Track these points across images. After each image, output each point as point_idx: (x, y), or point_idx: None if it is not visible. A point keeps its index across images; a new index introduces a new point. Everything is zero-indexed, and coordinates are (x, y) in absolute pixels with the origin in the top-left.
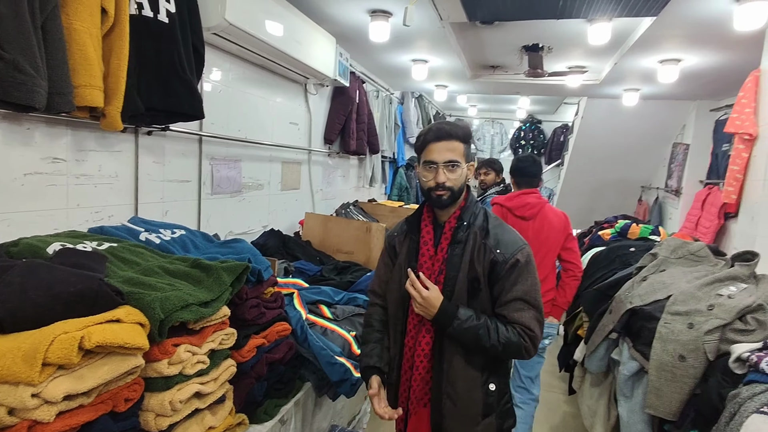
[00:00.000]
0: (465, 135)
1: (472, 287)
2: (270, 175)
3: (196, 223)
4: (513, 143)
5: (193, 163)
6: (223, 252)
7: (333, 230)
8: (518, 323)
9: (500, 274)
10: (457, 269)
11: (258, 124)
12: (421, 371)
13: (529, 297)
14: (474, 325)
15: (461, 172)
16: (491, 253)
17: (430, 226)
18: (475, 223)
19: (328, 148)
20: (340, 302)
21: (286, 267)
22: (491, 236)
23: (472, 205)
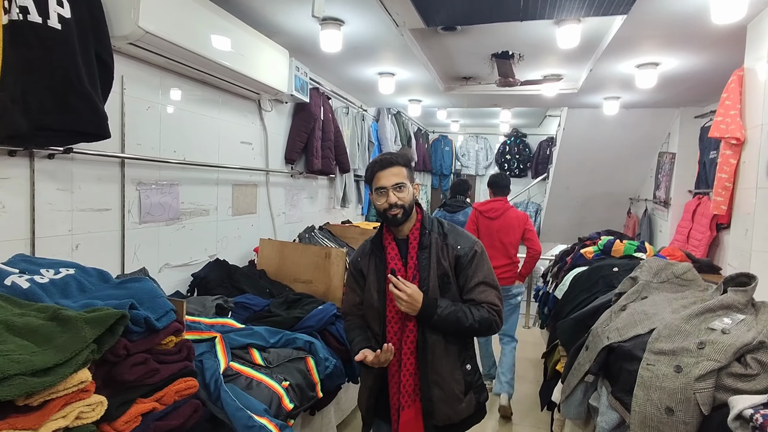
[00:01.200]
0: (406, 161)
1: (442, 282)
2: (217, 199)
3: (119, 257)
4: (498, 158)
5: (114, 188)
6: (115, 295)
7: (289, 257)
8: (485, 302)
9: (464, 264)
10: (427, 270)
11: (200, 144)
12: (409, 368)
13: (489, 279)
14: (454, 309)
15: (408, 191)
16: (454, 250)
17: (393, 243)
18: (433, 229)
19: (291, 168)
20: (276, 344)
21: (219, 304)
22: (450, 237)
23: (427, 216)
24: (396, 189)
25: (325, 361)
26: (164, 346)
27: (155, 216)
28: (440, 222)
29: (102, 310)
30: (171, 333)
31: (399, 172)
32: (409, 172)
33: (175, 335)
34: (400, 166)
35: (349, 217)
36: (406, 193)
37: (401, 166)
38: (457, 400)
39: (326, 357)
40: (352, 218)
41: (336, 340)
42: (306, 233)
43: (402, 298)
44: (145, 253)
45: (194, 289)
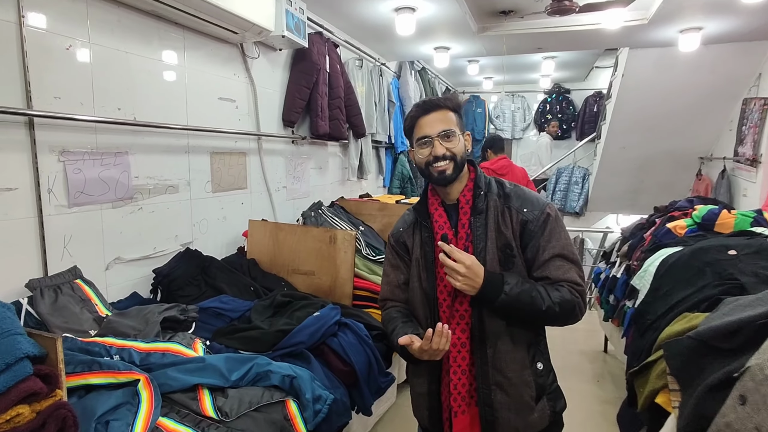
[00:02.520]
0: (455, 105)
1: (504, 256)
2: (189, 171)
3: (37, 255)
4: (537, 118)
5: (20, 159)
6: None
7: (286, 243)
8: (565, 280)
9: (533, 232)
10: (483, 240)
11: (157, 100)
12: (461, 363)
13: (568, 252)
14: (527, 287)
15: (459, 141)
16: (519, 214)
17: (441, 209)
18: (491, 190)
19: (291, 132)
20: (241, 382)
21: (171, 317)
22: (513, 198)
23: (482, 174)
24: (443, 138)
25: (317, 402)
26: (7, 425)
27: (93, 196)
28: (500, 182)
29: None
30: (19, 400)
31: (446, 118)
32: (458, 119)
33: (31, 402)
34: (447, 110)
35: (368, 189)
36: (456, 143)
37: (449, 110)
38: (527, 408)
39: (319, 395)
40: (372, 191)
41: (339, 358)
42: (311, 211)
43: (458, 271)
44: (81, 246)
45: (157, 289)
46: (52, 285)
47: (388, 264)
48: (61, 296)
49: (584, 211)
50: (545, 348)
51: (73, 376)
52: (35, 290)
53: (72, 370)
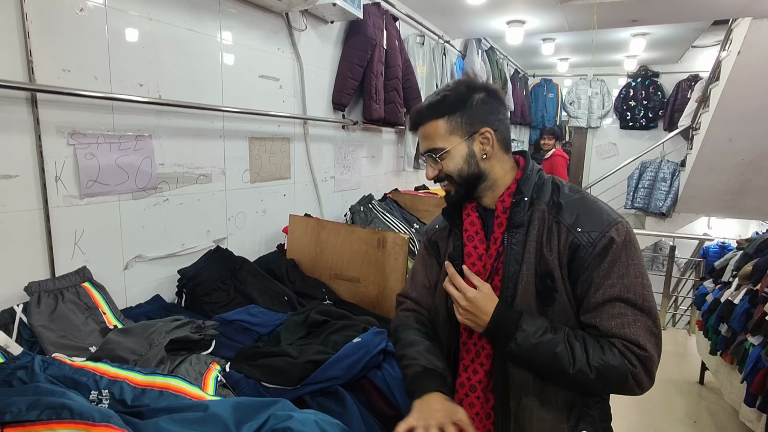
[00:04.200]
0: (446, 105)
1: (543, 286)
2: (225, 159)
3: (43, 252)
4: (619, 105)
5: (22, 142)
6: None
7: (329, 243)
8: (619, 337)
9: (586, 261)
10: (518, 262)
11: (187, 76)
12: (479, 412)
13: (635, 295)
14: (549, 339)
15: (453, 157)
16: (570, 234)
17: (475, 214)
18: (540, 196)
19: (342, 117)
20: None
21: (184, 338)
22: (566, 210)
23: (533, 174)
24: (430, 159)
25: None
26: None
27: (110, 185)
28: (558, 184)
29: None
30: None
31: (432, 132)
32: (451, 124)
33: None
34: (431, 121)
35: (425, 181)
36: (448, 161)
37: (435, 119)
38: None
39: None
40: (429, 184)
41: (383, 398)
42: (360, 206)
43: (459, 303)
44: (96, 242)
45: (182, 293)
46: (54, 290)
47: (419, 261)
48: (61, 304)
49: (671, 212)
50: (602, 413)
51: (38, 425)
52: (33, 295)
53: (37, 417)
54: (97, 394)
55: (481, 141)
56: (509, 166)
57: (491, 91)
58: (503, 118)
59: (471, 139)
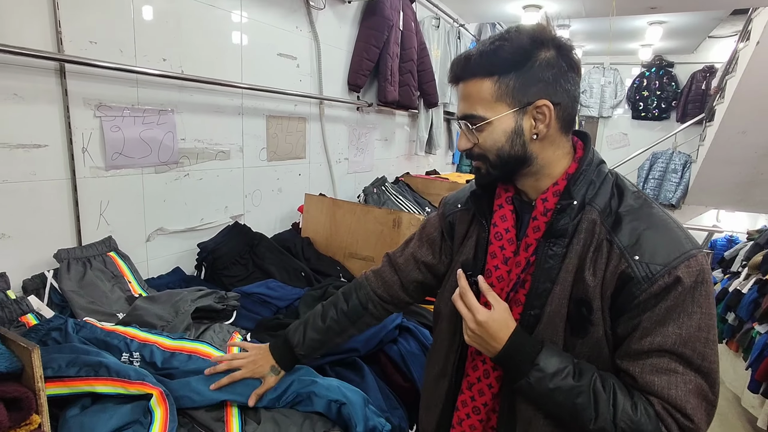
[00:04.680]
0: (499, 61)
1: (577, 314)
2: (243, 136)
3: (70, 221)
4: (631, 95)
5: (51, 112)
6: None
7: (344, 222)
8: (661, 397)
9: (636, 299)
10: (551, 279)
11: (209, 52)
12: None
13: (692, 351)
14: (571, 387)
15: (492, 130)
16: (623, 260)
17: (509, 207)
18: (594, 200)
19: (357, 98)
20: (276, 404)
21: (204, 306)
22: (625, 227)
23: (590, 169)
24: (465, 127)
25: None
26: None
27: (134, 158)
28: (620, 187)
29: None
30: None
31: (473, 93)
32: (500, 88)
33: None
34: (475, 79)
35: (435, 166)
36: (485, 135)
37: (480, 78)
38: None
39: (373, 427)
40: (440, 168)
41: (398, 371)
42: (374, 187)
43: (467, 324)
44: (120, 213)
45: (202, 266)
46: (82, 257)
47: (421, 230)
48: (89, 271)
49: (681, 203)
50: None
51: (77, 381)
52: (62, 262)
53: (76, 374)
54: (128, 356)
55: (534, 116)
56: (564, 152)
57: (564, 50)
58: (572, 88)
59: (522, 111)
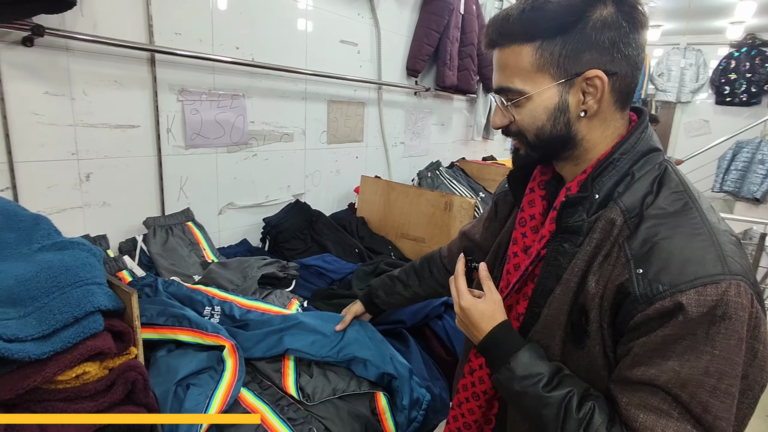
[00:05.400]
0: (542, 23)
1: (578, 323)
2: (305, 120)
3: (156, 193)
4: (716, 78)
5: (142, 97)
6: (25, 274)
7: (397, 204)
8: None
9: (633, 319)
10: (556, 279)
11: (276, 39)
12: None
13: (689, 397)
14: (538, 395)
15: (533, 106)
16: (625, 270)
17: (540, 193)
18: (623, 197)
19: (415, 83)
20: (330, 360)
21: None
22: (643, 232)
23: (625, 158)
24: (502, 100)
25: (413, 407)
26: (67, 384)
27: (209, 138)
28: (661, 182)
29: None
30: (86, 357)
31: (510, 61)
32: (542, 56)
33: (103, 359)
34: (514, 45)
35: (493, 152)
36: (526, 111)
37: (519, 43)
38: None
39: (416, 398)
40: (497, 154)
41: (442, 345)
42: (428, 171)
43: (455, 306)
44: (197, 188)
45: (266, 239)
46: (165, 225)
47: (485, 212)
48: (171, 237)
49: (766, 198)
50: None
51: (165, 329)
52: (150, 228)
53: (163, 323)
54: (210, 309)
55: (584, 89)
56: (615, 133)
57: (626, 4)
58: (634, 53)
59: (569, 84)
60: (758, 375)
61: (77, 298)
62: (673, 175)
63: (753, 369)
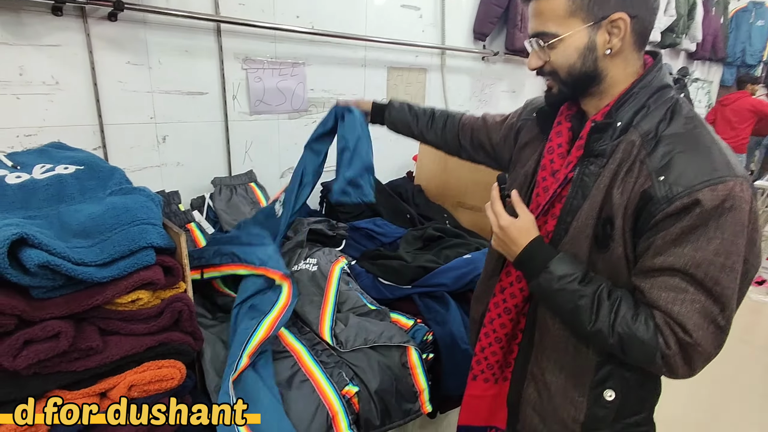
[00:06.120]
0: None
1: (602, 232)
2: (365, 87)
3: (223, 156)
4: None
5: (210, 66)
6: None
7: (455, 172)
8: (663, 310)
9: (653, 218)
10: (583, 197)
11: (336, 6)
12: (497, 330)
13: (704, 274)
14: (574, 290)
15: (566, 47)
16: (647, 180)
17: (567, 125)
18: (640, 124)
19: (483, 47)
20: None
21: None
22: (661, 149)
23: (642, 92)
24: (538, 42)
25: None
26: (124, 307)
27: (272, 105)
28: (674, 111)
29: None
30: (138, 285)
31: (545, 9)
32: (574, 2)
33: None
34: None
35: None
36: (557, 53)
37: None
38: (562, 428)
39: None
40: None
41: None
42: None
43: (493, 228)
44: (260, 152)
45: (324, 202)
46: (230, 185)
47: (510, 114)
48: (234, 196)
49: None
50: (643, 380)
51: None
52: (216, 187)
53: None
54: None
55: (609, 30)
56: (632, 71)
57: None
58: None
59: (597, 26)
60: (755, 260)
61: (134, 234)
62: (684, 106)
63: (752, 255)
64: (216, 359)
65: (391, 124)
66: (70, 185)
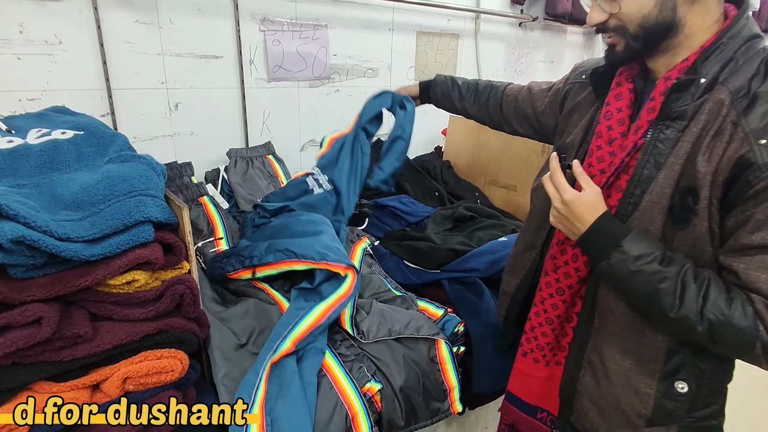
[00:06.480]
0: None
1: (682, 204)
2: (391, 53)
3: (240, 125)
4: None
5: (225, 26)
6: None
7: (488, 147)
8: (764, 293)
9: (752, 188)
10: (658, 166)
11: None
12: (548, 311)
13: None
14: (655, 271)
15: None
16: (745, 144)
17: (628, 86)
18: (729, 80)
19: (520, 12)
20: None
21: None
22: (759, 108)
23: (731, 43)
24: None
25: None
26: (118, 289)
27: (291, 72)
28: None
29: None
30: (133, 265)
31: None
32: None
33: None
34: None
35: None
36: (623, 2)
37: None
38: (626, 426)
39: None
40: None
41: None
42: None
43: (554, 203)
44: (279, 122)
45: None
46: (246, 157)
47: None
48: (251, 169)
49: None
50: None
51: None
52: (231, 159)
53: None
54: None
55: None
56: (713, 20)
57: None
58: None
59: None
60: None
61: (129, 207)
62: None
63: None
64: (226, 347)
65: (436, 102)
66: (65, 151)
